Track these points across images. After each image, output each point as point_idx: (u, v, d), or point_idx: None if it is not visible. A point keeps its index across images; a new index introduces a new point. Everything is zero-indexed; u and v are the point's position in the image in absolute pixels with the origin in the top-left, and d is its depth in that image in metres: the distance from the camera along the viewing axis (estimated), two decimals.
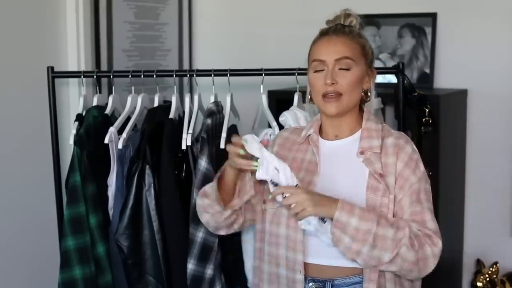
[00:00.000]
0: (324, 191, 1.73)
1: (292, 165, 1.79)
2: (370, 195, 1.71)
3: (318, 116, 1.88)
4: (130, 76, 2.36)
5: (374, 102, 2.30)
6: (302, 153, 1.85)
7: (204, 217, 1.87)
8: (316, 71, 1.77)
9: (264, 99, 2.31)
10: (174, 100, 2.34)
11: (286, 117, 2.16)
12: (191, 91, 3.00)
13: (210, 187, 1.84)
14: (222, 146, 2.16)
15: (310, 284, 1.75)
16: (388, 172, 1.73)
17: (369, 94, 1.82)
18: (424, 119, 2.28)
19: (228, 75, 2.28)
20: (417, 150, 1.79)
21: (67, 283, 2.21)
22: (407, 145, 1.77)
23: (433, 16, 2.97)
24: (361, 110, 1.84)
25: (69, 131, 2.33)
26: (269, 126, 2.30)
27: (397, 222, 1.66)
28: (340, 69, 1.74)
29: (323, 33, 1.81)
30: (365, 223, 1.62)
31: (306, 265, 1.76)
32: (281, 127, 2.18)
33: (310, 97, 1.85)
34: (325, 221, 1.65)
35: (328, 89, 1.74)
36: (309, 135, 1.85)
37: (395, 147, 1.75)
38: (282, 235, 1.77)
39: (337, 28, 1.80)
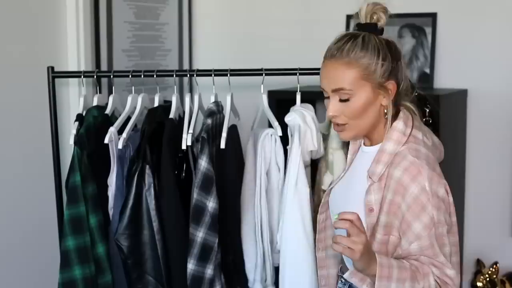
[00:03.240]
0: (333, 195, 1.78)
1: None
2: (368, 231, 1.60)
3: None
4: (130, 76, 2.35)
5: None
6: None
7: None
8: (325, 97, 1.68)
9: (265, 99, 2.31)
10: (174, 100, 2.34)
11: (294, 116, 2.16)
12: (191, 91, 3.00)
13: None
14: (222, 146, 2.16)
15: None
16: (383, 209, 1.58)
17: (389, 109, 1.64)
18: (424, 119, 2.28)
19: (229, 75, 2.28)
20: (430, 187, 1.56)
21: (67, 283, 2.21)
22: (413, 185, 1.55)
23: (433, 16, 2.97)
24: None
25: (69, 131, 2.33)
26: (270, 126, 2.30)
27: (422, 270, 1.54)
28: (340, 100, 1.62)
29: (325, 55, 1.66)
30: (402, 285, 1.50)
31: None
32: (283, 127, 2.18)
33: None
34: None
35: (332, 120, 1.67)
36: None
37: (396, 183, 1.57)
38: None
39: (332, 53, 1.63)
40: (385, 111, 1.65)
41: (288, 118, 2.18)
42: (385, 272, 1.48)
